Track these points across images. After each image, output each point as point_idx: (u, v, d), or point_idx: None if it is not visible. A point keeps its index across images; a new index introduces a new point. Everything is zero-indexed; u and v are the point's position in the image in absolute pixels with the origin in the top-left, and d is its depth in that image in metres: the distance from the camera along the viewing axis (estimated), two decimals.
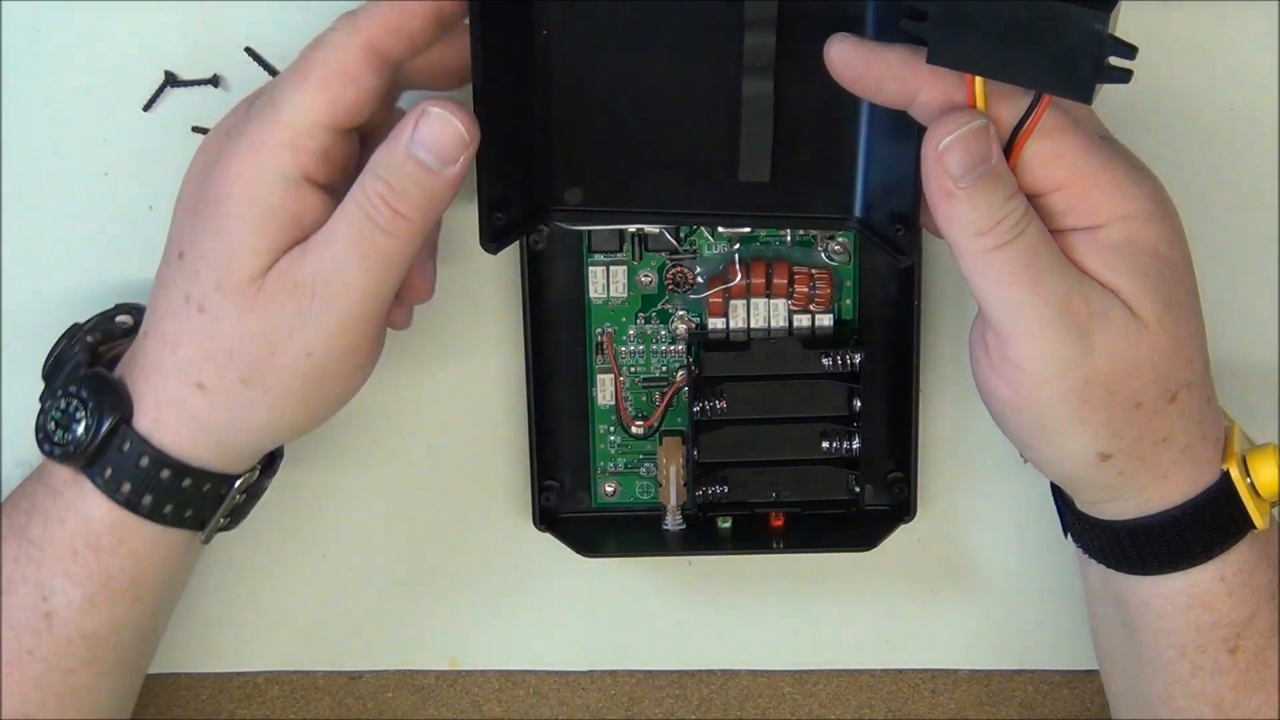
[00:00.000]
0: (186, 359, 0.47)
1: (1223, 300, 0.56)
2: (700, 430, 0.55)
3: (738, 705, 0.61)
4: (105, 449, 0.48)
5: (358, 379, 0.49)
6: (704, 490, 0.56)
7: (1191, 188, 0.55)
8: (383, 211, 0.45)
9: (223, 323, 0.46)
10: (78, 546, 0.49)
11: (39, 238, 0.56)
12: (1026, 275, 0.44)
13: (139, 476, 0.48)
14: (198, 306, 0.47)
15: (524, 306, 0.55)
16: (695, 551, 0.58)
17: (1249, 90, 0.54)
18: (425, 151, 0.45)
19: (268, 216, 0.46)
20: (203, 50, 0.55)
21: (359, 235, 0.45)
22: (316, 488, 0.59)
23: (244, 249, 0.46)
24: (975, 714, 0.61)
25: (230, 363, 0.47)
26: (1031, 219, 0.44)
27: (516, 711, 0.61)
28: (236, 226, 0.46)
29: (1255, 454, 0.49)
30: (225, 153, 0.47)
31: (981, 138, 0.43)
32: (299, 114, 0.46)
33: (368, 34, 0.46)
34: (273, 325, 0.46)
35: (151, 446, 0.48)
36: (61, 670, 0.50)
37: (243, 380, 0.47)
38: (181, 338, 0.47)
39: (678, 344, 0.57)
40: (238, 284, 0.46)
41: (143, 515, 0.49)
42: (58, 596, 0.49)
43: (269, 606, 0.60)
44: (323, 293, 0.46)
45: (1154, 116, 0.54)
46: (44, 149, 0.56)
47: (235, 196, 0.46)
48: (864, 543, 0.56)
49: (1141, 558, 0.49)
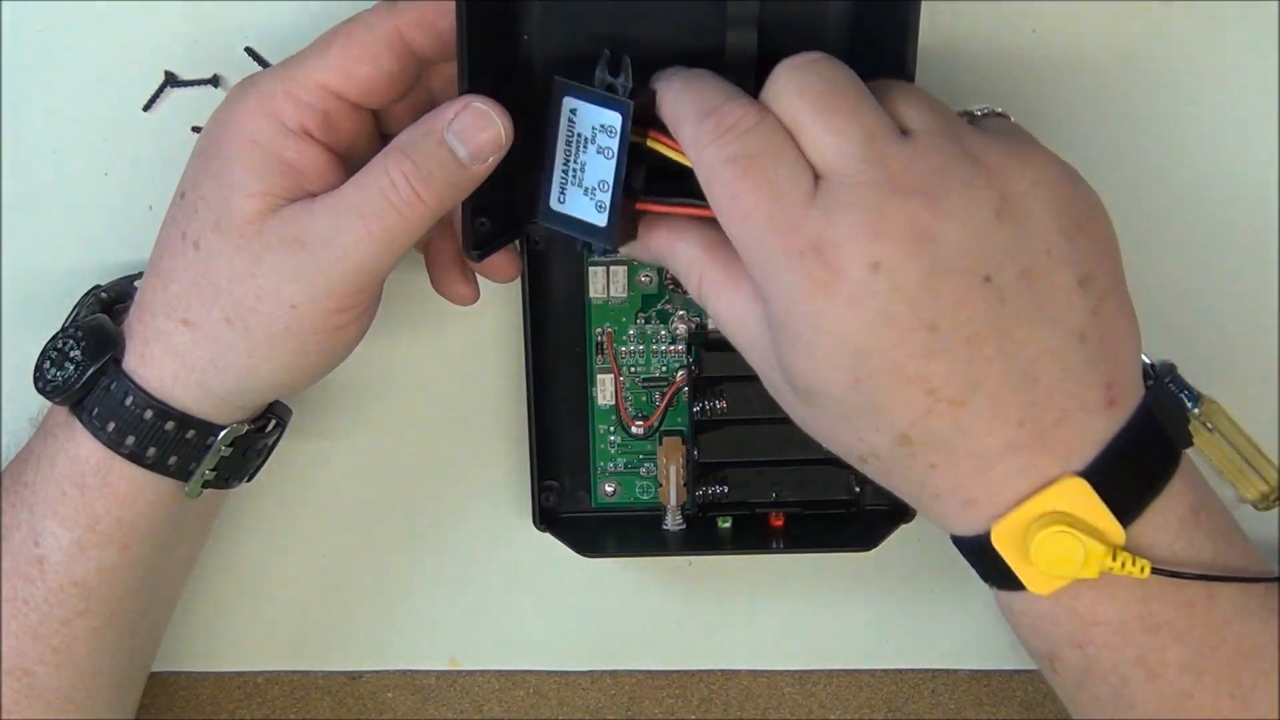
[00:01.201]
0: (176, 294, 0.48)
1: (1222, 300, 0.56)
2: (700, 430, 0.55)
3: (738, 705, 0.61)
4: (93, 388, 0.49)
5: (340, 344, 0.49)
6: (704, 490, 0.56)
7: (1191, 188, 0.55)
8: (402, 191, 0.46)
9: (215, 260, 0.47)
10: (66, 487, 0.49)
11: (39, 237, 0.56)
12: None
13: (123, 416, 0.48)
14: (193, 243, 0.48)
15: (524, 306, 0.55)
16: (695, 551, 0.58)
17: (1249, 90, 0.54)
18: (460, 142, 0.46)
19: (264, 161, 0.47)
20: (203, 50, 0.55)
21: (370, 209, 0.46)
22: (316, 487, 0.59)
23: (239, 190, 0.47)
24: (975, 714, 0.61)
25: (216, 299, 0.47)
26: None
27: (516, 711, 0.61)
28: (234, 169, 0.47)
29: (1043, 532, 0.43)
30: (234, 99, 0.48)
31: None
32: (311, 73, 0.47)
33: (399, 21, 0.47)
34: (263, 270, 0.47)
35: (135, 385, 0.48)
36: (56, 620, 0.50)
37: (225, 319, 0.47)
38: (175, 274, 0.48)
39: (678, 344, 0.57)
40: (235, 224, 0.47)
41: (125, 456, 0.49)
42: (48, 540, 0.49)
43: (269, 606, 0.60)
44: (320, 253, 0.46)
45: (1154, 116, 0.54)
46: (44, 149, 0.56)
47: (235, 141, 0.47)
48: (864, 543, 0.56)
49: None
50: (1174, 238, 0.55)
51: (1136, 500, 0.44)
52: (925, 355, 0.42)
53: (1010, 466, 0.43)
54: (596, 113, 0.46)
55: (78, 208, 0.56)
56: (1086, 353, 0.43)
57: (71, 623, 0.50)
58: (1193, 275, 0.56)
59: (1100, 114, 0.54)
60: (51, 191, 0.56)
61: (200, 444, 0.50)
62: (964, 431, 0.43)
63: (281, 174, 0.47)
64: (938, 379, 0.42)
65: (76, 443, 0.49)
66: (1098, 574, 0.43)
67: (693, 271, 0.46)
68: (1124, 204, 0.55)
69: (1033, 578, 0.44)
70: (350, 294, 0.47)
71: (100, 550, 0.50)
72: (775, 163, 0.42)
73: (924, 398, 0.42)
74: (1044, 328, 0.42)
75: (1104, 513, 0.43)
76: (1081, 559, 0.43)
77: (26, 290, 0.57)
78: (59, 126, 0.55)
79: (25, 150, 0.56)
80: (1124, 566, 0.43)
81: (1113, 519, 0.43)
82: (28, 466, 0.50)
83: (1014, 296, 0.42)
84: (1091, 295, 0.43)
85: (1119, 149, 0.55)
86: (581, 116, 0.46)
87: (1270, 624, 0.45)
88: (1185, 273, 0.56)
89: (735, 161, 0.42)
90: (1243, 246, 0.55)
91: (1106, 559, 0.43)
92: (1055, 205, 0.43)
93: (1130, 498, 0.44)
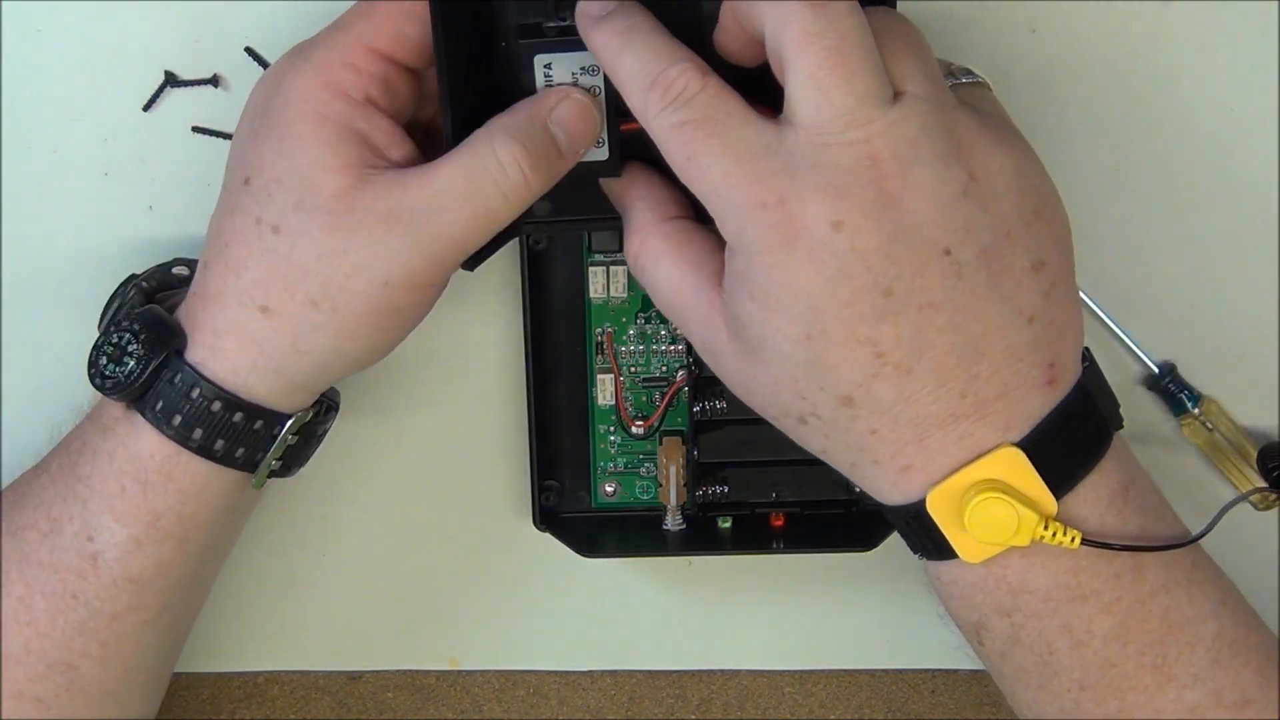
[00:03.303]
0: (252, 282, 0.47)
1: (1222, 300, 0.56)
2: (700, 430, 0.55)
3: (738, 705, 0.61)
4: (156, 381, 0.48)
5: (416, 319, 0.49)
6: (704, 490, 0.56)
7: (1192, 188, 0.55)
8: (512, 174, 0.45)
9: (300, 241, 0.46)
10: (125, 483, 0.48)
11: (39, 237, 0.56)
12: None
13: (190, 409, 0.48)
14: (271, 228, 0.46)
15: (524, 306, 0.55)
16: (695, 551, 0.58)
17: (1249, 90, 0.54)
18: (562, 131, 0.46)
19: (339, 134, 0.46)
20: (203, 50, 0.55)
21: (473, 188, 0.45)
22: (316, 487, 0.59)
23: (321, 167, 0.46)
24: (975, 714, 0.61)
25: (302, 282, 0.46)
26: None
27: (516, 711, 0.61)
28: (309, 146, 0.46)
29: (977, 498, 0.44)
30: (288, 75, 0.47)
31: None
32: (364, 38, 0.47)
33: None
34: (356, 246, 0.46)
35: (204, 377, 0.47)
36: (106, 615, 0.49)
37: (311, 301, 0.46)
38: (249, 260, 0.47)
39: (678, 344, 0.57)
40: (323, 202, 0.46)
41: (192, 450, 0.48)
42: (104, 535, 0.49)
43: (269, 606, 0.60)
44: (419, 229, 0.46)
45: (1154, 116, 0.54)
46: (44, 149, 0.56)
47: (304, 117, 0.46)
48: (864, 543, 0.56)
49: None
50: (1174, 237, 0.55)
51: (1069, 474, 0.45)
52: (877, 318, 0.42)
53: (949, 435, 0.44)
54: (569, 59, 0.47)
55: (78, 208, 0.56)
56: (1033, 334, 0.43)
57: (122, 618, 0.50)
58: (1193, 275, 0.56)
59: (1100, 114, 0.54)
60: (51, 191, 0.56)
61: (267, 434, 0.49)
62: (906, 398, 0.43)
63: (358, 145, 0.46)
64: (887, 343, 0.42)
65: (138, 438, 0.48)
66: (1029, 541, 0.44)
67: (634, 235, 0.47)
68: (1124, 204, 0.55)
69: (965, 545, 0.45)
70: (443, 271, 0.47)
71: (158, 546, 0.49)
72: (726, 124, 0.42)
73: (872, 360, 0.42)
74: (996, 306, 0.43)
75: (1038, 482, 0.44)
76: (1015, 526, 0.44)
77: (26, 290, 0.57)
78: (59, 126, 0.55)
79: (25, 150, 0.56)
80: (1055, 536, 0.44)
81: (1046, 490, 0.44)
82: (82, 459, 0.49)
83: (970, 272, 0.42)
84: (1044, 280, 0.44)
85: (1119, 149, 0.55)
86: (556, 68, 0.47)
87: (1196, 598, 0.46)
88: (1185, 272, 0.56)
89: (684, 126, 0.43)
90: (1243, 246, 0.55)
91: (1039, 527, 0.44)
92: (1019, 191, 0.43)
93: (1063, 471, 0.44)
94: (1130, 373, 0.57)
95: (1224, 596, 0.47)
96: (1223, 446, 0.56)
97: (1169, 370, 0.56)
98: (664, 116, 0.43)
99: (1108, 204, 0.55)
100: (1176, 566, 0.46)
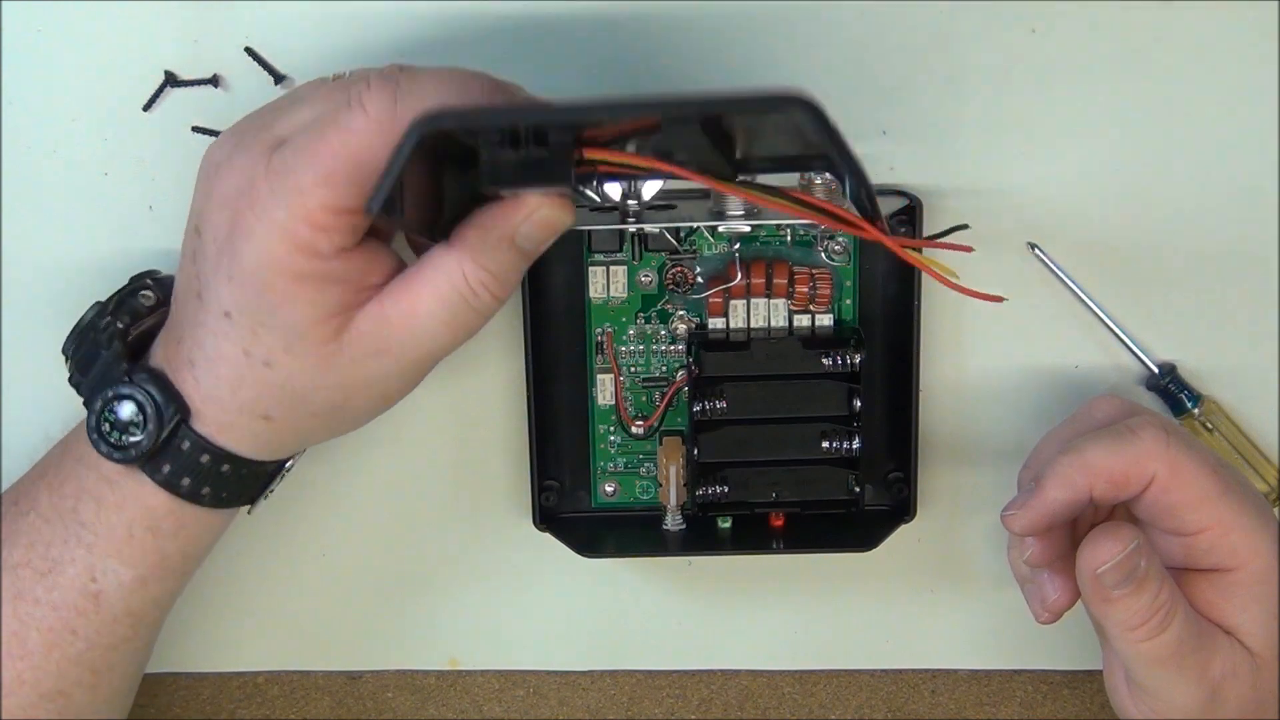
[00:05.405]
0: (250, 398, 0.48)
1: (1223, 302, 0.56)
2: (700, 430, 0.55)
3: (738, 705, 0.61)
4: (165, 449, 0.49)
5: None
6: (704, 490, 0.56)
7: (1191, 188, 0.55)
8: (483, 297, 0.47)
9: (296, 377, 0.47)
10: (135, 531, 0.50)
11: (39, 237, 0.56)
12: (1173, 661, 0.48)
13: (198, 470, 0.49)
14: (263, 362, 0.47)
15: (524, 306, 0.55)
16: (695, 551, 0.58)
17: (1249, 90, 0.54)
18: (529, 244, 0.46)
19: (319, 288, 0.46)
20: (203, 50, 0.55)
21: (450, 315, 0.47)
22: (316, 488, 0.59)
23: (305, 318, 0.46)
24: (975, 714, 0.61)
25: (303, 404, 0.48)
26: (1178, 610, 0.48)
27: (516, 711, 0.61)
28: (292, 305, 0.46)
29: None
30: (250, 225, 0.45)
31: (1134, 558, 0.47)
32: (319, 198, 0.45)
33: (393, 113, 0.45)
34: (351, 379, 0.48)
35: (213, 445, 0.49)
36: (103, 647, 0.51)
37: (311, 414, 0.49)
38: (244, 383, 0.48)
39: (678, 344, 0.57)
40: (312, 347, 0.47)
41: (201, 504, 0.50)
42: (109, 577, 0.50)
43: (269, 606, 0.60)
44: (408, 356, 0.47)
45: (1154, 116, 0.54)
46: (44, 149, 0.56)
47: (279, 280, 0.46)
48: (864, 543, 0.56)
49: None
50: (1174, 238, 0.55)
51: None
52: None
53: None
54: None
55: (78, 208, 0.56)
56: None
57: (118, 648, 0.51)
58: (1193, 275, 0.56)
59: (1100, 114, 0.54)
60: (51, 191, 0.56)
61: (266, 476, 0.52)
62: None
63: (338, 290, 0.46)
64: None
65: (147, 492, 0.50)
66: None
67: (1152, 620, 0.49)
68: (1124, 204, 0.55)
69: None
70: (430, 370, 0.49)
71: (162, 583, 0.51)
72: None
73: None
74: None
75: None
76: None
77: (26, 290, 0.57)
78: (59, 126, 0.55)
79: (25, 150, 0.56)
80: None
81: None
82: (82, 504, 0.50)
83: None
84: None
85: (1119, 149, 0.55)
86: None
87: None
88: (1185, 273, 0.55)
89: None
90: (1243, 247, 0.55)
91: None
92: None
93: None
94: (1130, 373, 0.57)
95: None
96: (1223, 447, 0.56)
97: (1169, 370, 0.56)
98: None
99: (1107, 204, 0.55)
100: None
